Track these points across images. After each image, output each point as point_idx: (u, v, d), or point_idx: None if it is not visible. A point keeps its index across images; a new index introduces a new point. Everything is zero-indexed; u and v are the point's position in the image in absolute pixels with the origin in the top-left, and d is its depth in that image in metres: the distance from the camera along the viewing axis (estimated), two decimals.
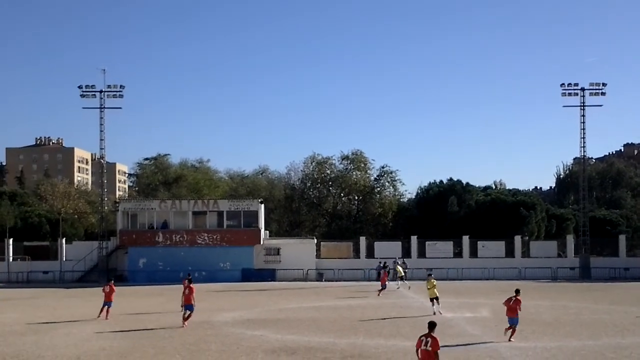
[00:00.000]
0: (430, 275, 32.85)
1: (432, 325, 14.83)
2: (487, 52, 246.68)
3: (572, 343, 23.57)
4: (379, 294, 43.31)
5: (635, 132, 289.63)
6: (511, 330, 23.78)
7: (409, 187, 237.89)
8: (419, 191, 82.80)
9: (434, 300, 31.89)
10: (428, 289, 32.20)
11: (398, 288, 49.08)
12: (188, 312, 28.56)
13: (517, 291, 24.61)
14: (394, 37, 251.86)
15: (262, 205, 64.54)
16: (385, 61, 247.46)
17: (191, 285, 29.22)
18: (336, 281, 58.73)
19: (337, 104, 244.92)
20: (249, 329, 27.22)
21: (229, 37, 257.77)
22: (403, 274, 51.63)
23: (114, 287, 31.80)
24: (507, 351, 21.70)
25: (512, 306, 24.03)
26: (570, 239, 66.53)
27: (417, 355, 14.53)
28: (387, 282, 45.64)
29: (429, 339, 14.43)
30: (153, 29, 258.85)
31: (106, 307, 31.09)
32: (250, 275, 59.51)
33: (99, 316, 31.05)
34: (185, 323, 28.10)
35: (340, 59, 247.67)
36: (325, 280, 59.74)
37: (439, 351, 14.34)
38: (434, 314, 30.65)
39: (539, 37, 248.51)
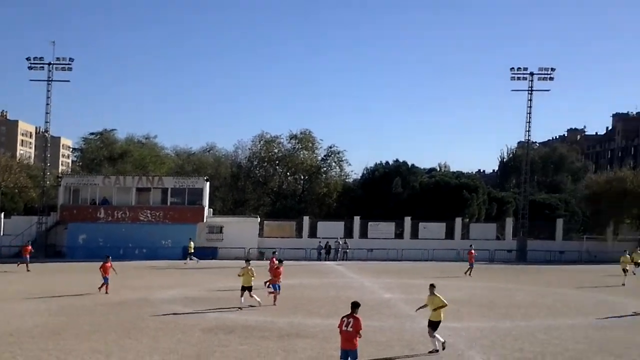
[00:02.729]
0: (248, 261, 29.03)
1: (355, 306, 14.80)
2: (437, 35, 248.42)
3: (505, 324, 24.10)
4: (469, 274, 44.52)
5: (579, 117, 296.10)
6: None
7: (356, 167, 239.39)
8: (365, 172, 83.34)
9: (246, 289, 27.69)
10: (240, 275, 28.12)
11: (185, 263, 51.60)
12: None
13: None
14: (349, 19, 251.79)
15: (208, 183, 64.28)
16: (336, 42, 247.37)
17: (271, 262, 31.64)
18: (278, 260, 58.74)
19: (287, 84, 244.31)
20: (187, 307, 27.18)
21: (182, 14, 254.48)
22: (193, 250, 53.38)
23: (108, 264, 32.51)
24: (441, 331, 22.03)
25: None
26: (509, 222, 67.70)
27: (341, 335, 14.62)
28: (473, 262, 46.23)
29: (350, 319, 14.49)
30: (105, 3, 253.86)
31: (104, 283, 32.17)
32: (192, 253, 59.19)
33: (100, 290, 31.95)
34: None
35: (291, 39, 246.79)
36: (266, 259, 59.82)
37: (361, 331, 14.45)
38: (241, 308, 27.11)
39: (490, 20, 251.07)
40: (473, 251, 47.11)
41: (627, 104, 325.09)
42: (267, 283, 29.19)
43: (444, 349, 18.79)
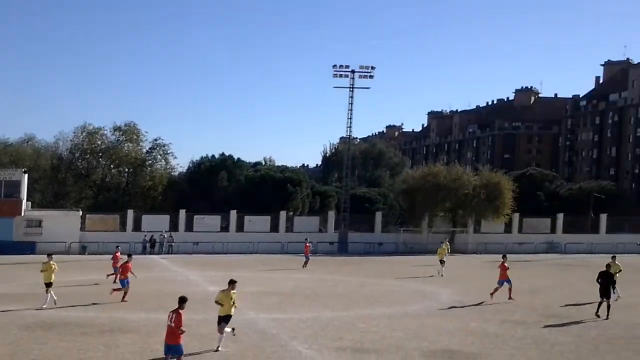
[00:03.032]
0: (50, 255, 27.51)
1: (181, 300, 14.93)
2: (264, 29, 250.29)
3: (326, 314, 25.05)
4: (305, 266, 45.17)
5: (398, 115, 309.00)
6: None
7: (182, 160, 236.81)
8: (191, 165, 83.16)
9: (48, 285, 26.46)
10: (42, 271, 27.01)
11: None
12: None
13: (503, 256, 30.56)
14: (176, 9, 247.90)
15: (26, 175, 61.51)
16: (163, 32, 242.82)
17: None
18: (100, 254, 57.36)
19: (113, 73, 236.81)
20: (1, 304, 26.10)
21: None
22: None
23: None
24: (265, 323, 22.66)
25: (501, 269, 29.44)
26: (331, 215, 69.74)
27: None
28: (309, 255, 47.16)
29: (174, 314, 14.64)
30: None
31: None
32: (8, 248, 56.50)
33: None
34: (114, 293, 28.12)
35: (117, 27, 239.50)
36: (88, 254, 58.27)
37: (182, 327, 14.58)
38: None
39: (314, 18, 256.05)
40: (309, 244, 48.44)
41: (441, 102, 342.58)
42: (113, 277, 30.38)
43: (234, 334, 19.36)
